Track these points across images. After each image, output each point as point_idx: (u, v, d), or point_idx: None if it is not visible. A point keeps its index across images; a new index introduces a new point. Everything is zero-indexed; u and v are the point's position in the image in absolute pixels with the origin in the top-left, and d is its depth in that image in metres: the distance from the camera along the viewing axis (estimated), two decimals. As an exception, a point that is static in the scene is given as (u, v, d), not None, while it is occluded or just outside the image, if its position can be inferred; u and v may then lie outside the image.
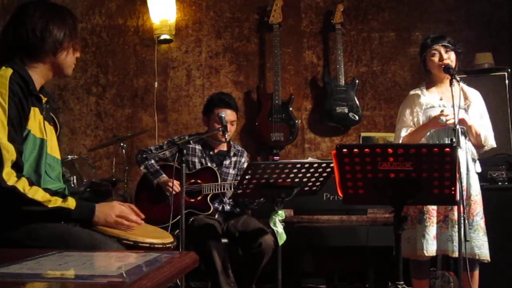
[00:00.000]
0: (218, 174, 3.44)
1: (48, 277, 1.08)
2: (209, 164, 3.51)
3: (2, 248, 1.68)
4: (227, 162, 3.56)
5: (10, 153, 1.71)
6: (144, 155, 3.52)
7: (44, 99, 1.94)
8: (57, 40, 1.88)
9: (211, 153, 3.57)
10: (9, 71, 1.78)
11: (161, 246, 1.88)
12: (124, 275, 1.08)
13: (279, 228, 2.80)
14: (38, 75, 1.90)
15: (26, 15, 1.86)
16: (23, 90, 1.77)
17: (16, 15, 1.89)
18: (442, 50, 3.08)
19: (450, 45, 3.09)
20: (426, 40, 3.19)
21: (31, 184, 1.75)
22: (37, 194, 1.73)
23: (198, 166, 3.51)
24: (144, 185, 3.57)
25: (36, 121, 1.84)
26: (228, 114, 3.47)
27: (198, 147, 3.55)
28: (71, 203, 1.79)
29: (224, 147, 3.63)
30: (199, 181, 3.46)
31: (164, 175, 3.45)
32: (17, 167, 1.74)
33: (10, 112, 1.72)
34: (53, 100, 2.08)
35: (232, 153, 3.60)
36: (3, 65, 1.81)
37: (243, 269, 3.32)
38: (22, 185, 1.71)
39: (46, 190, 1.79)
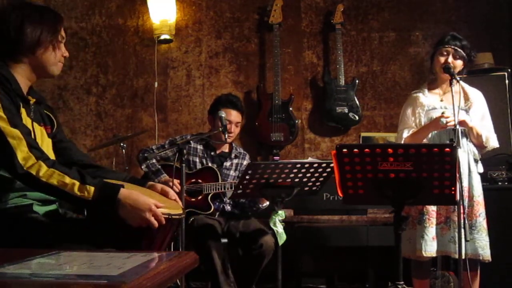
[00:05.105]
0: (218, 173, 3.44)
1: (48, 277, 1.08)
2: (209, 164, 3.51)
3: (2, 248, 1.67)
4: (227, 163, 3.55)
5: (18, 139, 1.69)
6: (145, 154, 3.50)
7: (33, 100, 1.93)
8: (34, 38, 1.86)
9: (212, 153, 3.56)
10: None
11: (178, 217, 1.89)
12: (124, 275, 1.08)
13: (279, 228, 2.80)
14: (22, 76, 1.89)
15: (3, 17, 1.87)
16: (7, 89, 1.77)
17: None
18: (451, 55, 3.06)
19: (460, 51, 3.05)
20: (446, 37, 3.12)
21: (50, 165, 1.70)
22: (52, 177, 1.69)
23: (198, 166, 3.50)
24: None
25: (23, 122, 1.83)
26: (233, 115, 3.48)
27: (199, 147, 3.54)
28: (88, 190, 1.70)
29: (226, 149, 3.62)
30: (199, 180, 3.45)
31: (164, 174, 3.44)
32: (35, 148, 1.72)
33: (3, 102, 1.72)
34: (44, 101, 2.05)
35: (233, 155, 3.59)
36: None
37: (244, 270, 3.31)
38: (37, 169, 1.68)
39: (65, 171, 1.72)
